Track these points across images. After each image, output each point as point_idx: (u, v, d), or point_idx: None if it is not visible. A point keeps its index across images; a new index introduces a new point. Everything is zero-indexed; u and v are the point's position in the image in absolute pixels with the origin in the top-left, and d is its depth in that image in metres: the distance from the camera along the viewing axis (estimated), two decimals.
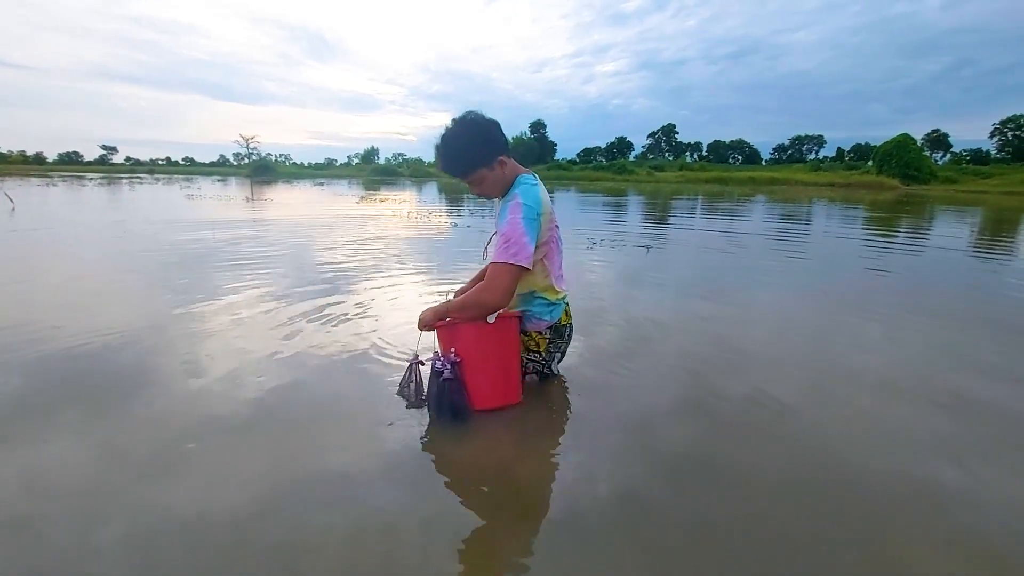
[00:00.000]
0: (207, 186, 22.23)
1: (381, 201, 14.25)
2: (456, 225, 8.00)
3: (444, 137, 1.71)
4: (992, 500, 1.36)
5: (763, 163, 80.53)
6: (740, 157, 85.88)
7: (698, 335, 2.68)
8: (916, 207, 15.73)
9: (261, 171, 46.69)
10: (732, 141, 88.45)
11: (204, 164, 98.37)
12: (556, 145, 77.83)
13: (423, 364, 1.77)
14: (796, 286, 4.11)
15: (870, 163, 42.79)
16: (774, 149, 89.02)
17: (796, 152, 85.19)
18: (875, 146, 43.23)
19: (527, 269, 1.65)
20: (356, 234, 6.56)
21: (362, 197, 16.43)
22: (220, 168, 78.91)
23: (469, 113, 1.73)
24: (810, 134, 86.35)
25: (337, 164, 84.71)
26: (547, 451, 1.58)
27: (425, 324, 1.75)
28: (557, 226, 1.85)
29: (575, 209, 12.36)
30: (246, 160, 63.05)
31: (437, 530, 1.19)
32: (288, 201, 13.86)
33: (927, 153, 49.18)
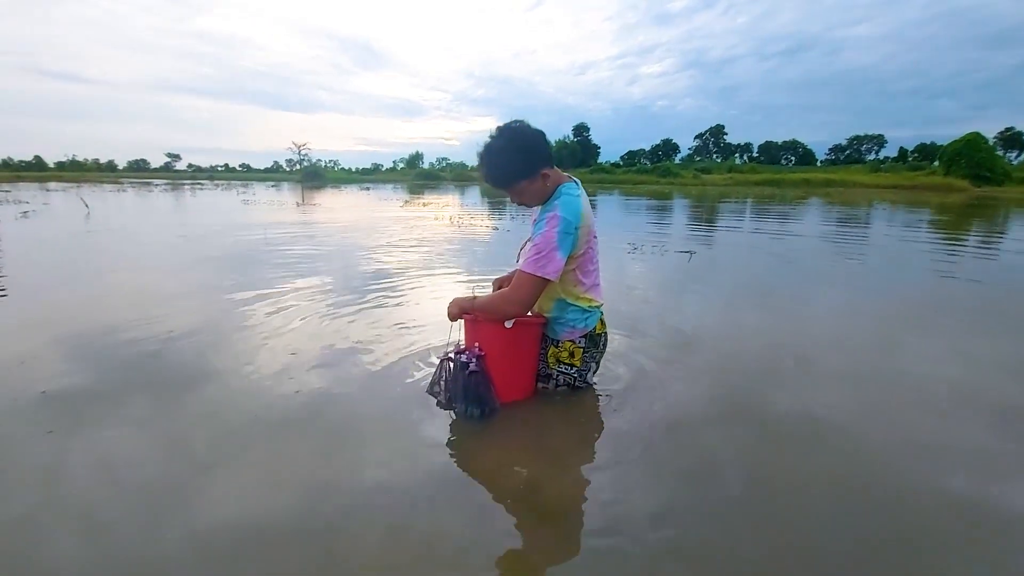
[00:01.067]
0: (261, 191, 23.30)
1: (424, 205, 14.52)
2: (497, 229, 8.07)
3: (488, 147, 1.71)
4: None
5: (818, 164, 77.03)
6: (793, 158, 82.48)
7: (738, 345, 2.60)
8: (989, 210, 14.67)
9: (311, 176, 48.60)
10: (785, 142, 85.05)
11: (259, 170, 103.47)
12: (599, 148, 77.19)
13: (452, 360, 1.79)
14: (855, 291, 3.92)
15: (936, 163, 40.22)
16: (830, 149, 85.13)
17: (854, 152, 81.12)
18: (941, 145, 40.57)
19: (551, 281, 1.68)
20: (401, 237, 6.73)
21: (406, 201, 16.80)
22: (273, 174, 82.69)
23: (514, 122, 1.73)
24: (870, 133, 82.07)
25: (383, 169, 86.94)
26: (580, 464, 1.57)
27: (453, 315, 1.80)
28: (595, 236, 1.84)
29: (617, 213, 12.22)
30: (297, 166, 65.81)
31: (471, 548, 1.20)
32: (336, 205, 14.36)
33: (1000, 153, 45.83)
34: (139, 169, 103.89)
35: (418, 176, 54.14)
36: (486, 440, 1.66)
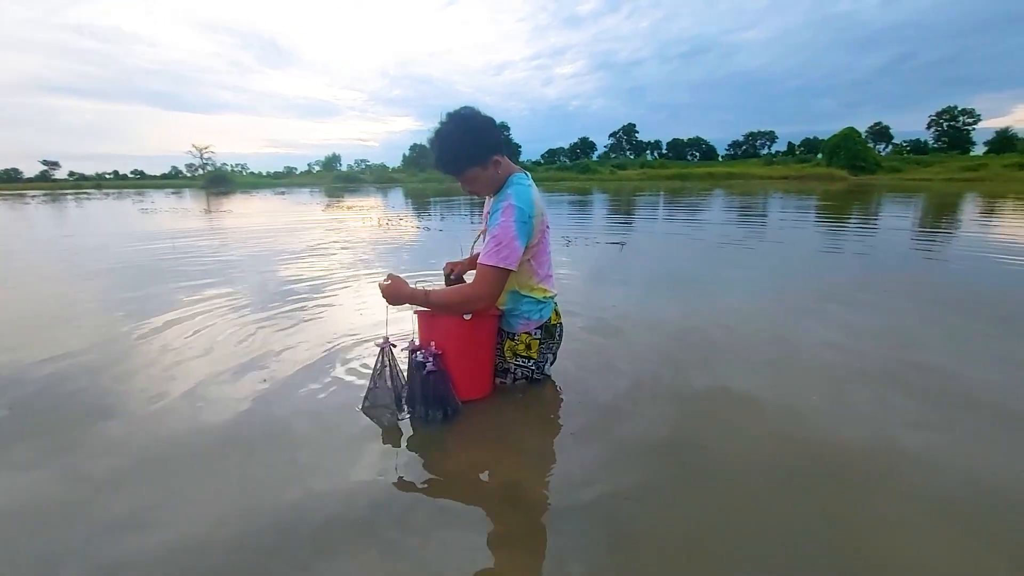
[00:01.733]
0: (161, 199, 21.44)
1: (348, 208, 14.02)
2: (428, 230, 7.97)
3: (438, 133, 1.68)
4: (953, 464, 1.47)
5: (719, 159, 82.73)
6: (698, 154, 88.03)
7: (674, 329, 2.76)
8: (865, 195, 16.51)
9: (217, 182, 45.34)
10: (690, 139, 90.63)
11: (155, 177, 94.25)
12: (520, 147, 78.23)
13: (395, 347, 1.75)
14: (760, 273, 4.26)
15: (819, 156, 44.59)
16: (729, 145, 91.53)
17: (750, 147, 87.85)
18: (823, 139, 45.20)
19: (512, 272, 1.67)
20: (324, 242, 6.45)
21: (328, 205, 16.13)
22: (173, 180, 76.07)
23: (464, 109, 1.71)
24: (762, 130, 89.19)
25: (297, 172, 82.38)
26: (533, 452, 1.60)
27: (394, 299, 1.67)
28: (548, 227, 1.88)
29: (546, 209, 12.43)
30: (200, 171, 61.24)
31: (434, 550, 1.20)
32: (248, 211, 13.49)
33: (871, 145, 51.61)
34: (10, 180, 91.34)
35: (337, 179, 51.89)
36: (449, 444, 1.62)
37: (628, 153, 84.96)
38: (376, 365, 1.73)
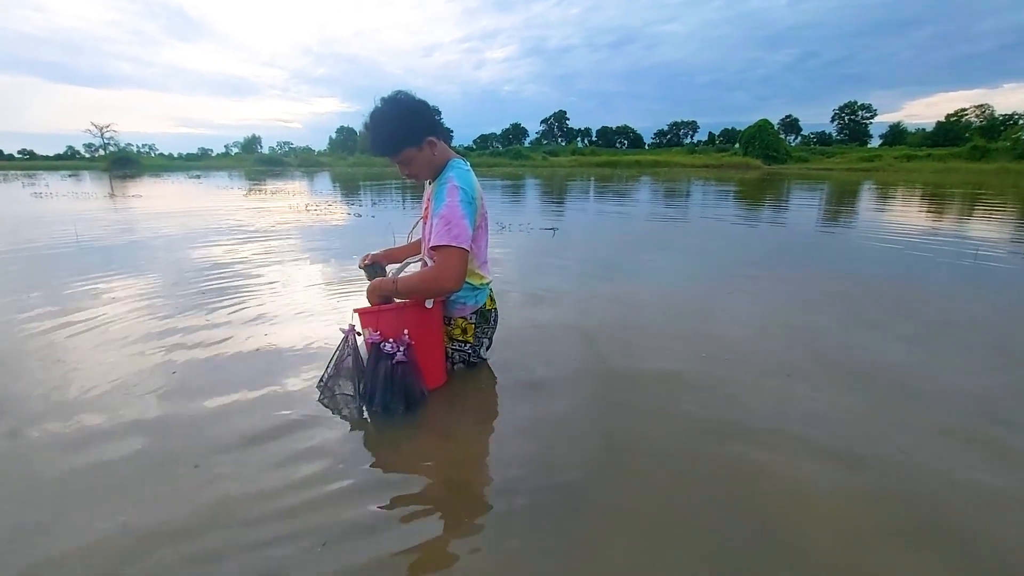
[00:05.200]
0: (56, 183, 19.35)
1: (271, 193, 13.33)
2: (359, 216, 7.76)
3: (372, 115, 1.69)
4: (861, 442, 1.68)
5: (646, 147, 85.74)
6: (626, 142, 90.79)
7: (607, 310, 2.90)
8: (778, 183, 17.79)
9: (122, 164, 41.42)
10: (618, 127, 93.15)
11: (48, 158, 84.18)
12: (452, 132, 76.17)
13: (360, 335, 1.74)
14: (684, 257, 4.54)
15: (737, 146, 47.35)
16: (655, 134, 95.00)
17: (674, 137, 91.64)
18: (740, 130, 48.04)
19: (469, 251, 1.69)
20: (247, 229, 6.13)
21: (249, 189, 15.24)
22: (69, 162, 68.32)
23: (398, 92, 1.72)
24: (685, 120, 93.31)
25: (214, 155, 76.92)
26: (482, 432, 1.67)
27: (375, 293, 1.73)
28: (486, 213, 1.92)
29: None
30: (101, 152, 55.69)
31: (384, 544, 1.23)
32: (160, 196, 12.51)
33: (783, 136, 55.37)
34: None
35: (258, 162, 48.82)
36: (405, 433, 1.63)
37: (560, 140, 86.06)
38: (337, 353, 1.71)
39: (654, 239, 5.73)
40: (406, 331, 1.66)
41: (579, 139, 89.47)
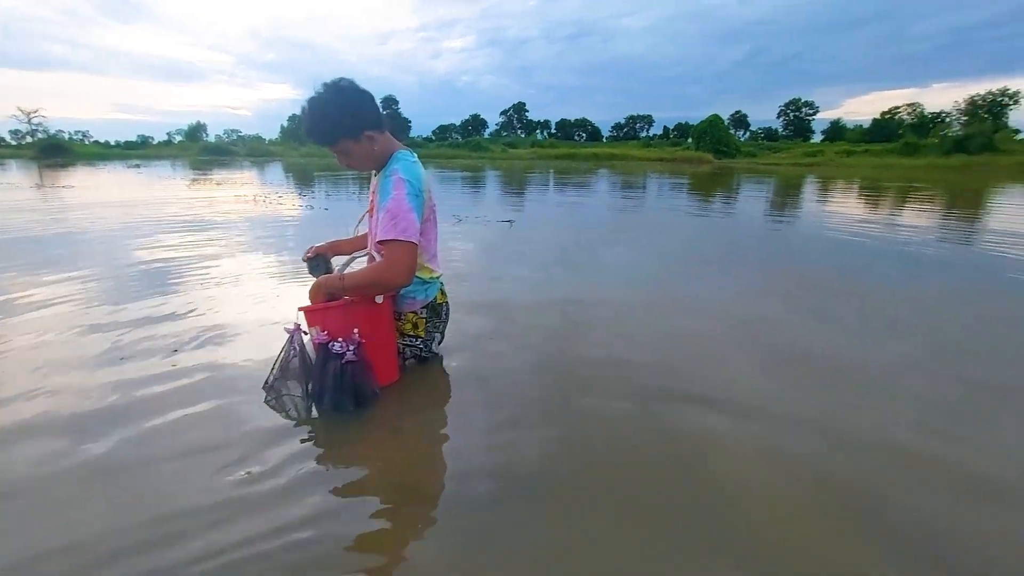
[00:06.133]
0: None
1: (218, 184, 12.76)
2: (311, 208, 7.53)
3: (311, 101, 1.63)
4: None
5: (604, 140, 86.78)
6: (584, 134, 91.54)
7: (561, 301, 2.92)
8: (728, 176, 18.40)
9: (52, 152, 38.39)
10: (577, 120, 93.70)
11: None
12: (411, 122, 75.79)
13: (306, 334, 1.68)
14: (640, 249, 4.64)
15: (689, 140, 48.65)
16: (613, 127, 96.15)
17: (631, 130, 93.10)
18: (692, 125, 49.37)
19: (417, 244, 1.66)
20: (190, 221, 5.85)
21: (194, 180, 14.53)
22: None
23: (341, 80, 1.66)
24: (641, 114, 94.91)
25: (155, 143, 72.61)
26: (434, 428, 1.65)
27: (320, 291, 1.69)
28: (434, 205, 1.90)
29: (437, 187, 12.27)
30: (29, 139, 51.82)
31: (333, 544, 1.21)
32: (95, 186, 11.75)
33: (733, 131, 57.25)
34: None
35: (204, 151, 46.43)
36: (355, 433, 1.59)
37: (519, 132, 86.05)
38: (283, 353, 1.65)
39: (611, 230, 5.83)
40: (356, 329, 1.62)
41: (538, 131, 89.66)
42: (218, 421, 1.60)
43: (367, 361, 1.65)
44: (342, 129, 1.65)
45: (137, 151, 56.71)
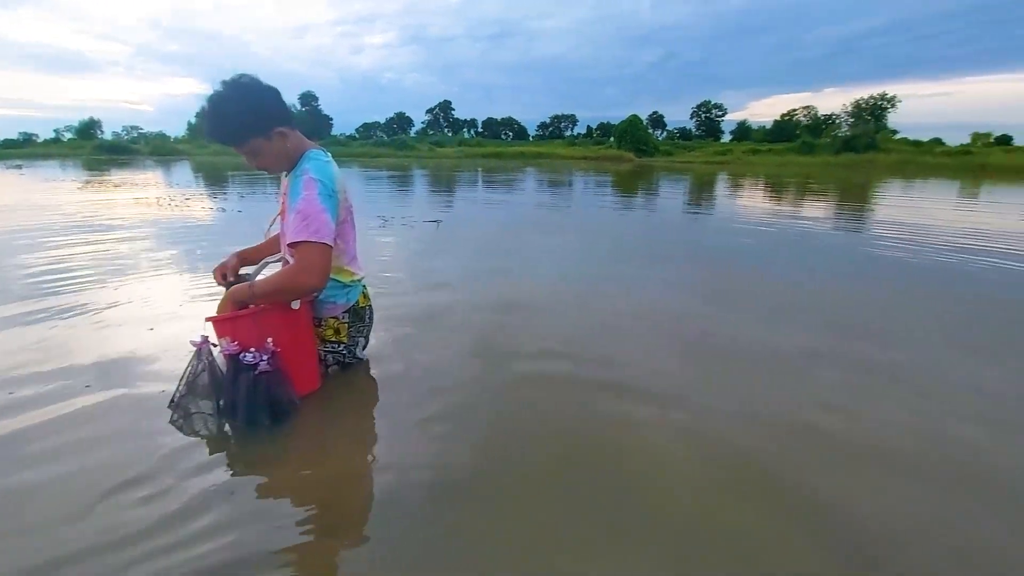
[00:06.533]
0: None
1: (115, 186, 11.66)
2: (223, 210, 7.07)
3: (212, 100, 1.52)
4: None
5: (530, 139, 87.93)
6: (511, 133, 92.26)
7: (490, 300, 2.94)
8: (648, 174, 19.27)
9: None
10: (503, 118, 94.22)
11: None
12: (332, 120, 73.02)
13: (215, 346, 1.58)
14: (570, 246, 4.76)
15: (611, 139, 50.38)
16: (539, 126, 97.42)
17: (556, 129, 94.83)
18: (614, 124, 51.22)
19: (331, 247, 1.60)
20: (84, 228, 5.31)
21: (87, 181, 13.17)
22: None
23: (243, 76, 1.56)
24: (565, 113, 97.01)
25: (40, 140, 65.11)
26: (360, 439, 1.61)
27: (232, 302, 1.60)
28: (351, 206, 1.84)
29: (361, 187, 11.94)
30: None
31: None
32: None
33: (651, 131, 59.92)
34: None
35: (99, 149, 41.98)
36: (275, 448, 1.51)
37: (446, 130, 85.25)
38: (190, 369, 1.54)
39: (540, 228, 5.92)
40: (269, 338, 1.54)
41: (465, 130, 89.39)
42: (120, 443, 1.47)
43: (283, 371, 1.57)
44: (251, 128, 1.56)
45: (18, 150, 50.61)
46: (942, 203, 9.86)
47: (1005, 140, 47.83)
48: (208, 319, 1.57)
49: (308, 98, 70.01)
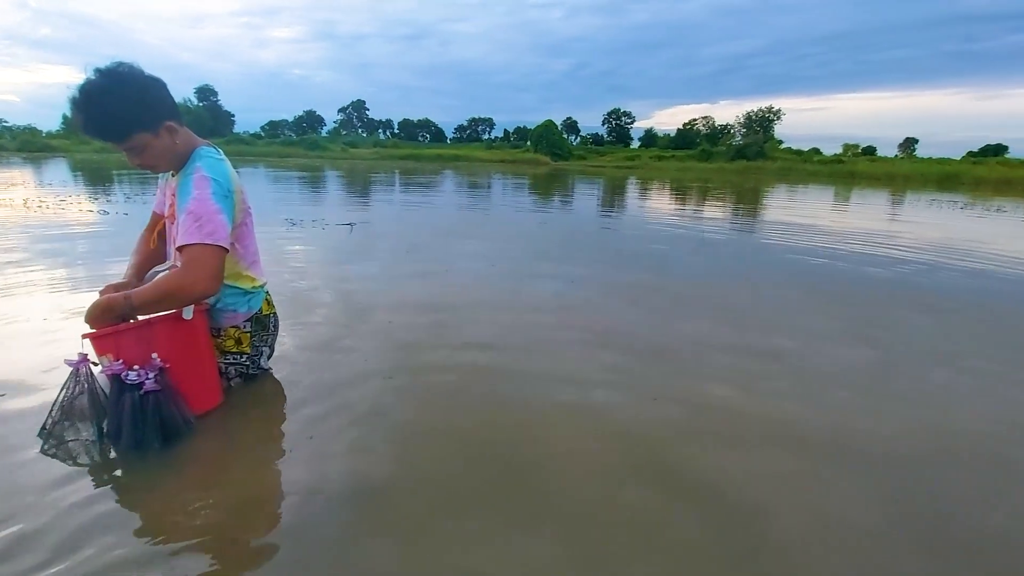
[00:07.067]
0: None
1: None
2: (106, 213, 6.38)
3: (86, 91, 1.35)
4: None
5: (448, 141, 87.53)
6: (428, 135, 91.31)
7: (408, 303, 2.90)
8: (563, 177, 19.85)
9: None
10: (420, 120, 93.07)
11: None
12: (234, 117, 68.30)
13: (95, 364, 1.42)
14: (491, 242, 4.79)
15: (528, 143, 51.40)
16: (456, 129, 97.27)
17: (473, 132, 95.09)
18: (530, 129, 52.32)
19: (227, 250, 1.49)
20: None
21: None
22: None
23: (121, 65, 1.40)
24: (483, 116, 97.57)
25: None
26: (267, 456, 1.51)
27: (103, 316, 1.41)
28: (250, 208, 1.73)
29: (268, 188, 11.26)
30: None
31: None
32: None
33: (565, 136, 61.85)
34: None
35: None
36: (168, 471, 1.37)
37: (360, 131, 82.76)
38: (65, 391, 1.38)
39: (457, 231, 5.91)
40: (155, 354, 1.42)
41: (381, 131, 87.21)
42: None
43: (173, 388, 1.45)
44: (135, 122, 1.41)
45: None
46: (819, 206, 11.04)
47: (870, 151, 54.79)
48: (86, 335, 1.42)
49: (206, 92, 64.99)
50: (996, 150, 54.77)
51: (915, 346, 2.57)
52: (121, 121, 1.41)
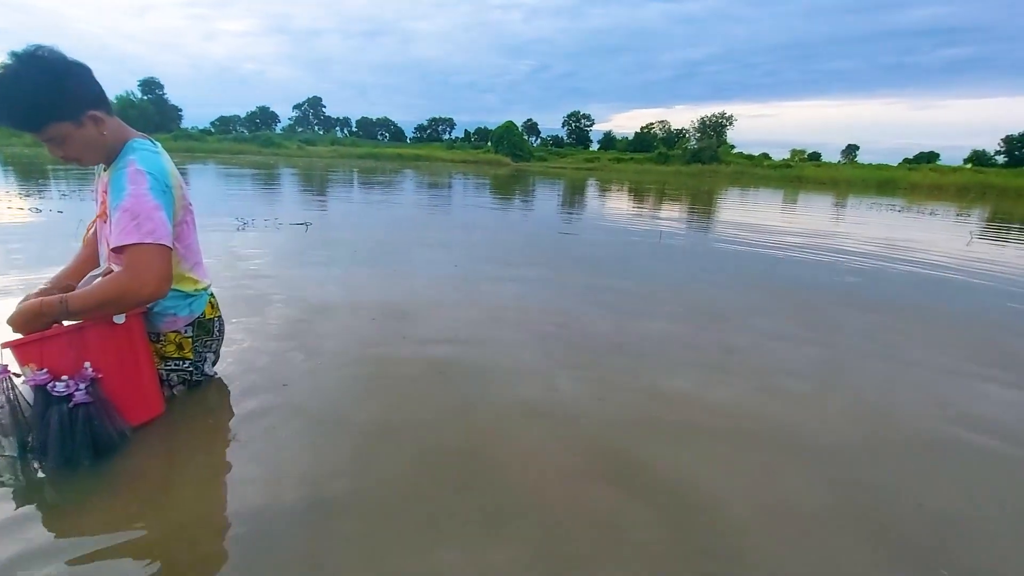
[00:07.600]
0: None
1: None
2: (38, 211, 5.95)
3: (1, 77, 1.24)
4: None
5: (408, 141, 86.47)
6: (387, 134, 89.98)
7: (365, 304, 2.82)
8: (524, 178, 19.94)
9: None
10: (379, 118, 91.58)
11: None
12: (181, 111, 65.36)
13: (18, 376, 1.30)
14: (450, 239, 4.73)
15: (489, 144, 51.46)
16: (416, 128, 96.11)
17: (434, 132, 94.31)
18: (491, 129, 52.39)
19: (171, 249, 1.39)
20: None
21: None
22: None
23: (40, 48, 1.28)
24: (444, 116, 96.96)
25: None
26: (214, 470, 1.41)
27: (31, 323, 1.29)
28: (190, 204, 1.63)
29: (218, 186, 10.81)
30: None
31: None
32: None
33: (526, 137, 62.23)
34: None
35: None
36: (103, 489, 1.27)
37: (316, 128, 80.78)
38: None
39: (417, 233, 5.82)
40: (87, 363, 1.31)
41: (338, 129, 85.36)
42: None
43: (105, 400, 1.35)
44: (54, 110, 1.30)
45: None
46: (769, 209, 11.49)
47: (815, 156, 57.67)
48: (6, 344, 1.29)
49: (151, 85, 61.79)
50: (929, 157, 58.87)
51: (858, 343, 2.69)
52: (36, 109, 1.29)
